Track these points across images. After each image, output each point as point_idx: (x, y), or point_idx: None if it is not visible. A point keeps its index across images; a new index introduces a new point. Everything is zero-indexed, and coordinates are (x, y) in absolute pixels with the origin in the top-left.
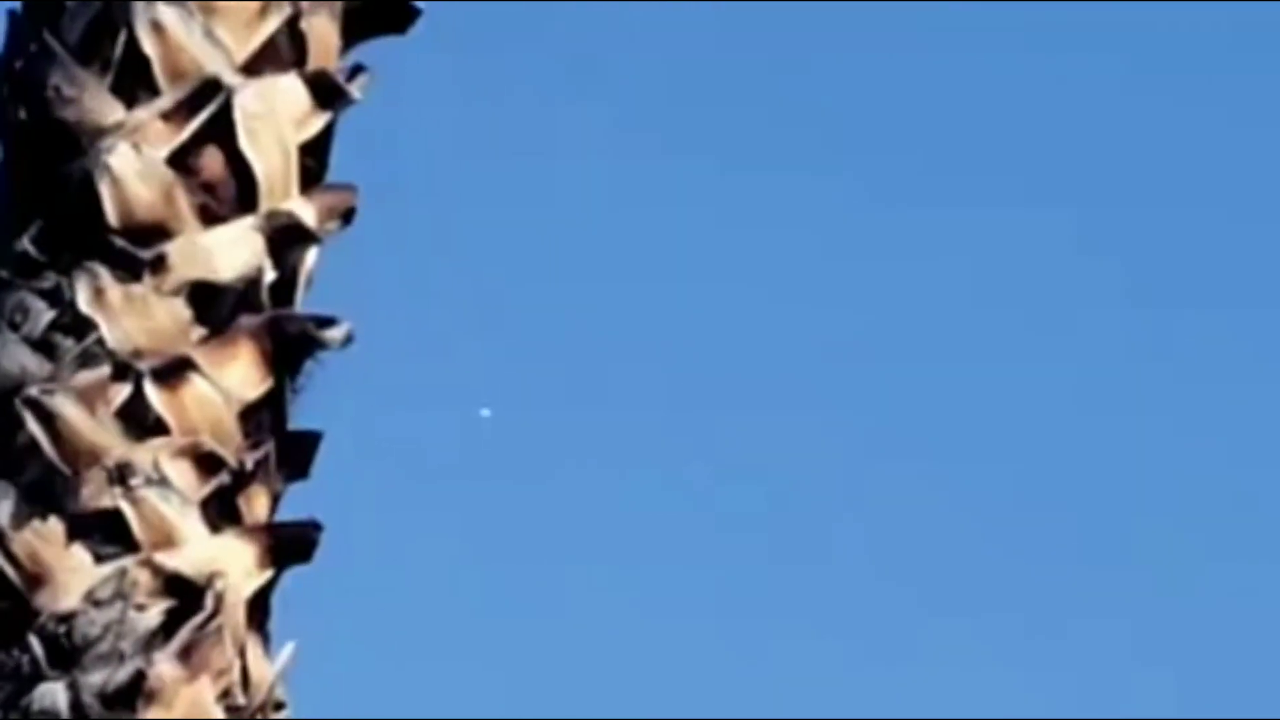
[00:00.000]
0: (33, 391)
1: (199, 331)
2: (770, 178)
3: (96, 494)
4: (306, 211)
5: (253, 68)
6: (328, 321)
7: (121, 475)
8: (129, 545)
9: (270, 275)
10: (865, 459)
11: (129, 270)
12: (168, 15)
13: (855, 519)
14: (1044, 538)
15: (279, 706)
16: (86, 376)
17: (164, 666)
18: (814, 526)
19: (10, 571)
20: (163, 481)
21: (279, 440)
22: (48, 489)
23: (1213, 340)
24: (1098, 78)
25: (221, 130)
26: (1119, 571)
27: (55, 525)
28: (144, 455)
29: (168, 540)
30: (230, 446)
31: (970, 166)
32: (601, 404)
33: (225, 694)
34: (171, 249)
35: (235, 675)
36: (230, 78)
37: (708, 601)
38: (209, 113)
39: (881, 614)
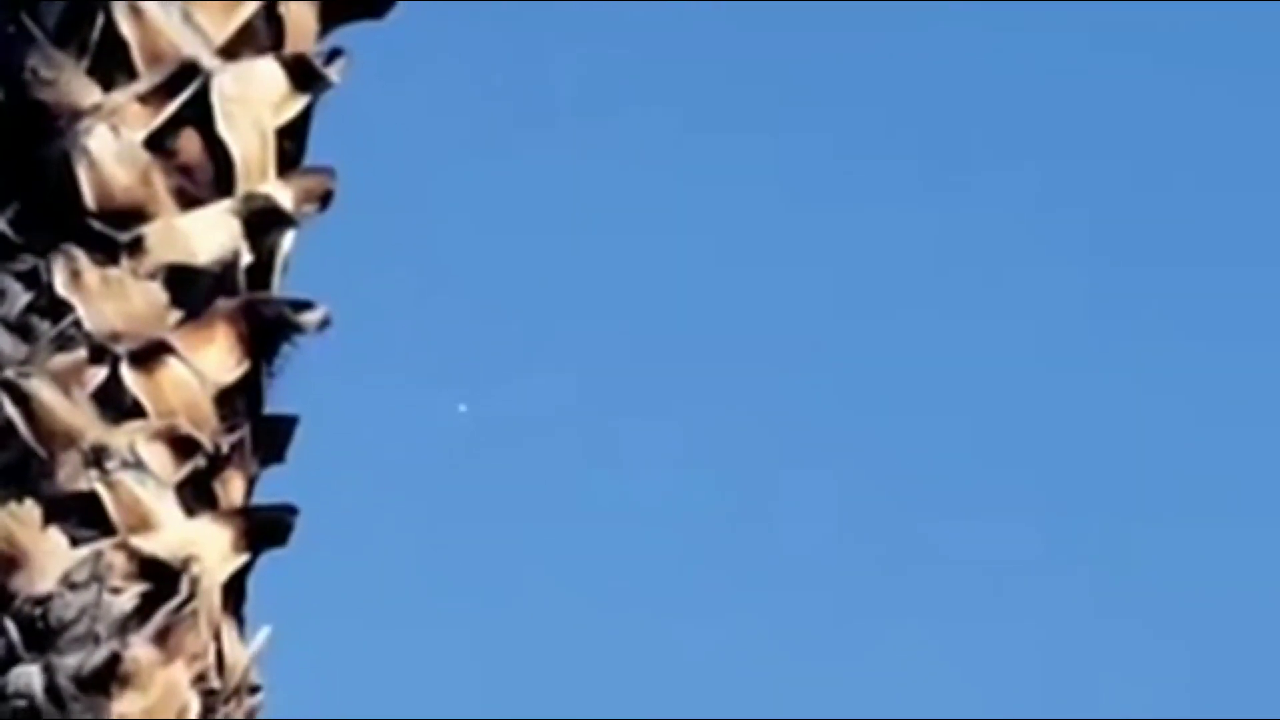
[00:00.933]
0: (9, 374)
1: (175, 315)
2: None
3: (72, 477)
4: (284, 195)
5: (230, 51)
6: (304, 305)
7: (97, 458)
8: (105, 528)
9: (247, 258)
10: (834, 415)
11: (106, 253)
12: None
13: (815, 478)
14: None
15: (254, 690)
16: (63, 359)
17: (139, 650)
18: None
19: None
20: (139, 465)
21: (255, 424)
22: (23, 471)
23: (1180, 297)
24: (1059, 35)
25: (199, 113)
26: (1082, 527)
27: (31, 508)
28: (120, 438)
29: (143, 523)
30: (206, 430)
31: (934, 127)
32: (585, 389)
33: (200, 677)
34: (149, 232)
35: (210, 659)
36: (208, 61)
37: (684, 589)
38: (187, 96)
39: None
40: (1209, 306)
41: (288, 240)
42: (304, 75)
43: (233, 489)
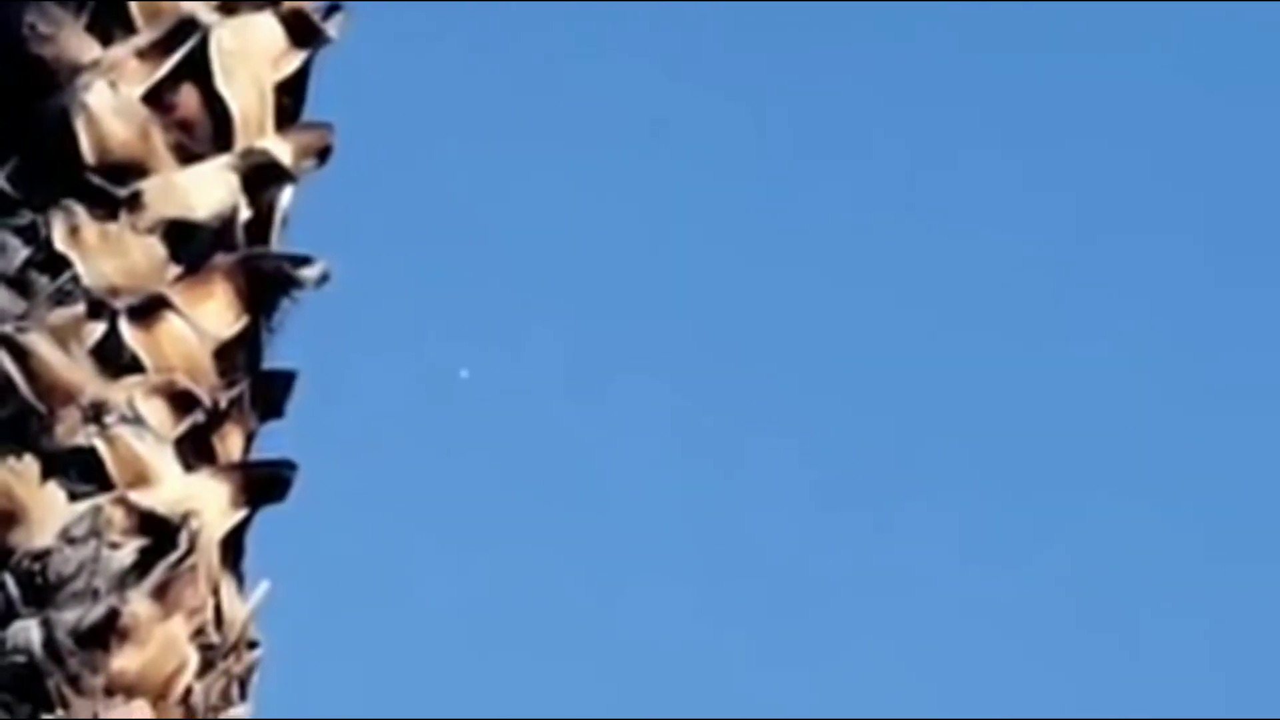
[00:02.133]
0: (7, 329)
1: (174, 270)
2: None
3: (71, 432)
4: (282, 150)
5: (229, 6)
6: (303, 260)
7: (96, 413)
8: (103, 483)
9: (246, 214)
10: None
11: (105, 208)
12: None
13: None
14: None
15: (252, 645)
16: (61, 314)
17: (138, 605)
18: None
19: None
20: (137, 420)
21: (254, 379)
22: (22, 426)
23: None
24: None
25: (198, 68)
26: (1059, 503)
27: (30, 463)
28: (119, 393)
29: (142, 478)
30: (205, 385)
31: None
32: (579, 348)
33: (199, 632)
34: (147, 187)
35: (209, 614)
36: (207, 15)
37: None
38: (185, 50)
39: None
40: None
41: (286, 195)
42: (303, 30)
43: (231, 444)
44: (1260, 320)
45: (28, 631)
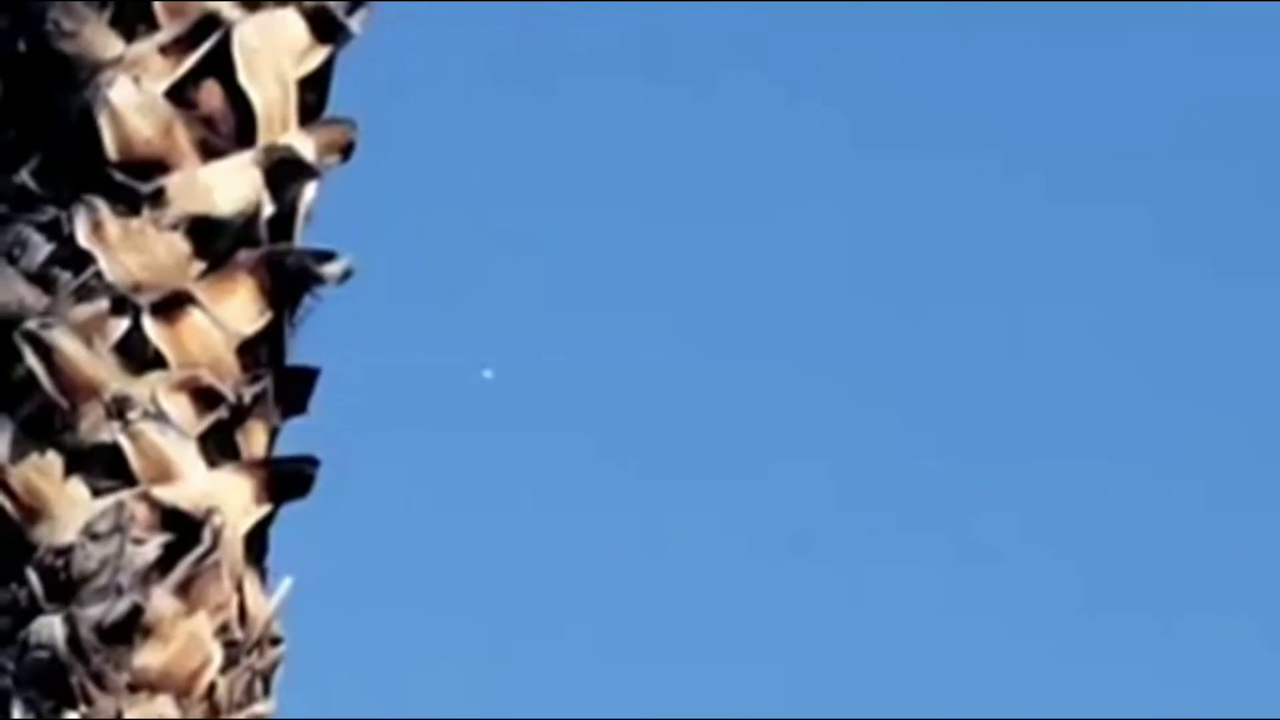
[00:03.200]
0: (31, 325)
1: (198, 266)
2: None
3: (94, 428)
4: (305, 146)
5: (252, 2)
6: (326, 256)
7: (119, 409)
8: (127, 479)
9: (269, 209)
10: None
11: (128, 204)
12: None
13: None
14: None
15: (276, 641)
16: (85, 310)
17: (161, 600)
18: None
19: (8, 505)
20: (160, 416)
21: (277, 375)
22: (45, 422)
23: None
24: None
25: (221, 64)
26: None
27: (53, 459)
28: (142, 389)
29: (165, 474)
30: (228, 381)
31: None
32: (605, 345)
33: (223, 628)
34: (170, 183)
35: (233, 610)
36: (230, 12)
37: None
38: (208, 47)
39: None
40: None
41: (310, 191)
42: (326, 26)
43: (254, 440)
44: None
45: (51, 627)
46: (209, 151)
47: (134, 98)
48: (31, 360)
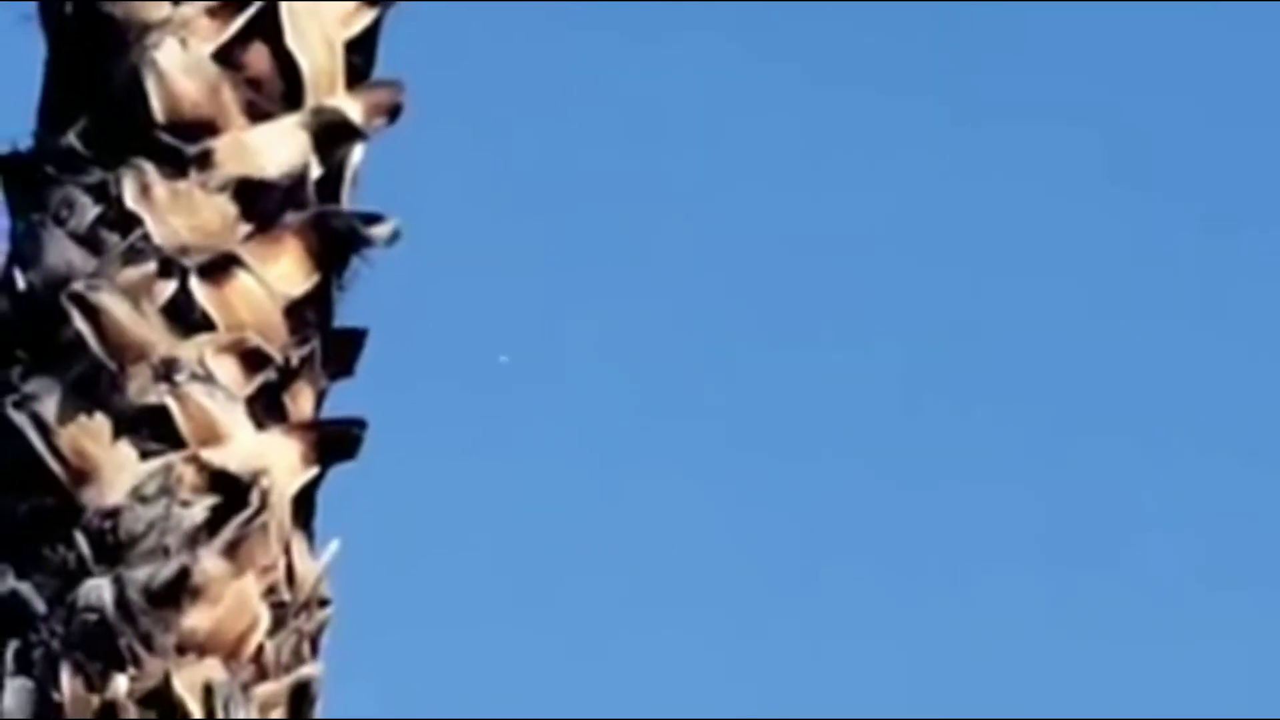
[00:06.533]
0: (78, 287)
1: (245, 228)
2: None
3: (142, 390)
4: (353, 108)
5: None
6: (374, 218)
7: (167, 371)
8: (174, 441)
9: (316, 172)
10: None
11: (175, 166)
12: None
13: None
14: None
15: (323, 603)
16: (132, 272)
17: (209, 563)
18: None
19: (56, 467)
20: (208, 378)
21: (324, 337)
22: (93, 385)
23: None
24: None
25: (268, 26)
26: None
27: (101, 421)
28: (189, 351)
29: (213, 436)
30: (276, 343)
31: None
32: (646, 305)
33: (270, 590)
34: (218, 145)
35: (280, 572)
36: None
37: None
38: (255, 8)
39: None
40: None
41: (357, 153)
42: None
43: (302, 402)
44: None
45: (99, 590)
46: (256, 114)
47: (181, 60)
48: (79, 322)
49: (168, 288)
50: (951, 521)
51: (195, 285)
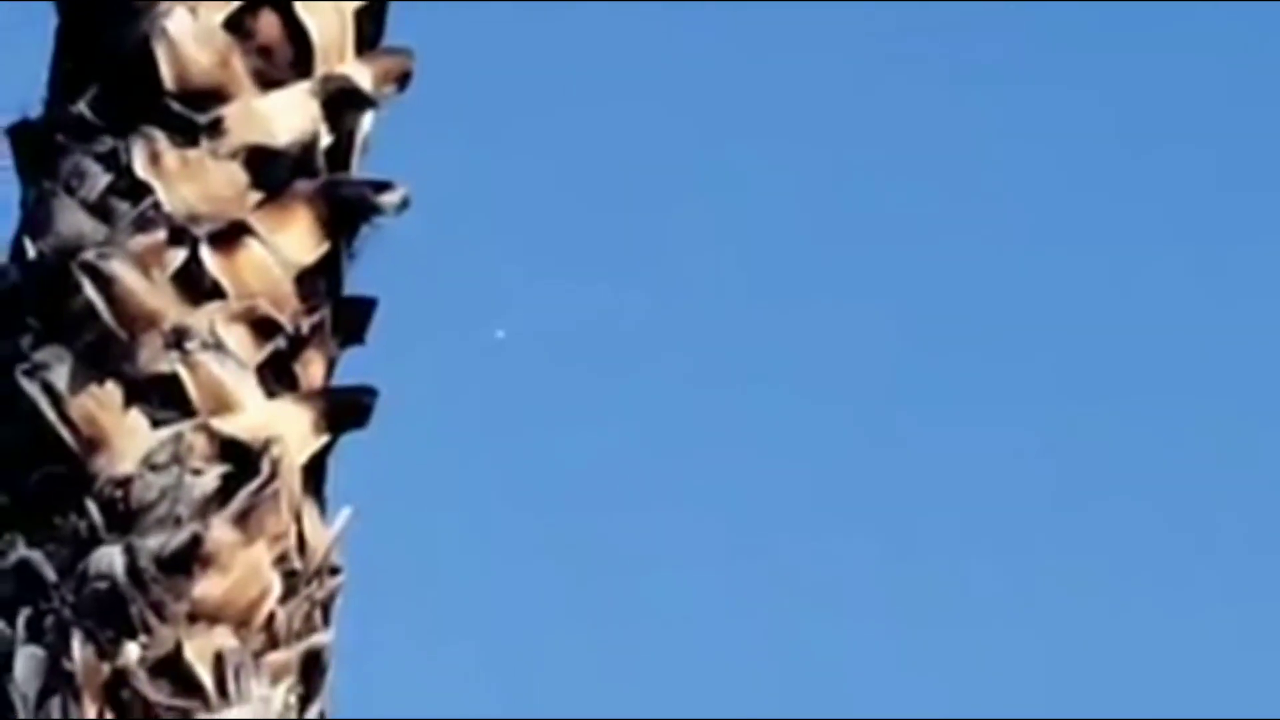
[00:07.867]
0: (89, 255)
1: (255, 196)
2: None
3: (153, 358)
4: (362, 76)
5: None
6: (384, 186)
7: (178, 339)
8: (185, 410)
9: (326, 140)
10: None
11: (185, 134)
12: None
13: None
14: None
15: (335, 571)
16: (143, 240)
17: (220, 531)
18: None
19: (67, 435)
20: (219, 346)
21: (335, 305)
22: (104, 353)
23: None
24: None
25: None
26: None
27: (112, 389)
28: (200, 320)
29: (224, 405)
30: (286, 311)
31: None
32: (652, 278)
33: (281, 558)
34: (228, 113)
35: (291, 540)
36: None
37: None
38: None
39: None
40: None
41: (367, 121)
42: None
43: (313, 370)
44: None
45: (111, 558)
46: (266, 82)
47: (191, 28)
48: (90, 291)
49: (178, 256)
50: (952, 522)
51: (206, 253)
